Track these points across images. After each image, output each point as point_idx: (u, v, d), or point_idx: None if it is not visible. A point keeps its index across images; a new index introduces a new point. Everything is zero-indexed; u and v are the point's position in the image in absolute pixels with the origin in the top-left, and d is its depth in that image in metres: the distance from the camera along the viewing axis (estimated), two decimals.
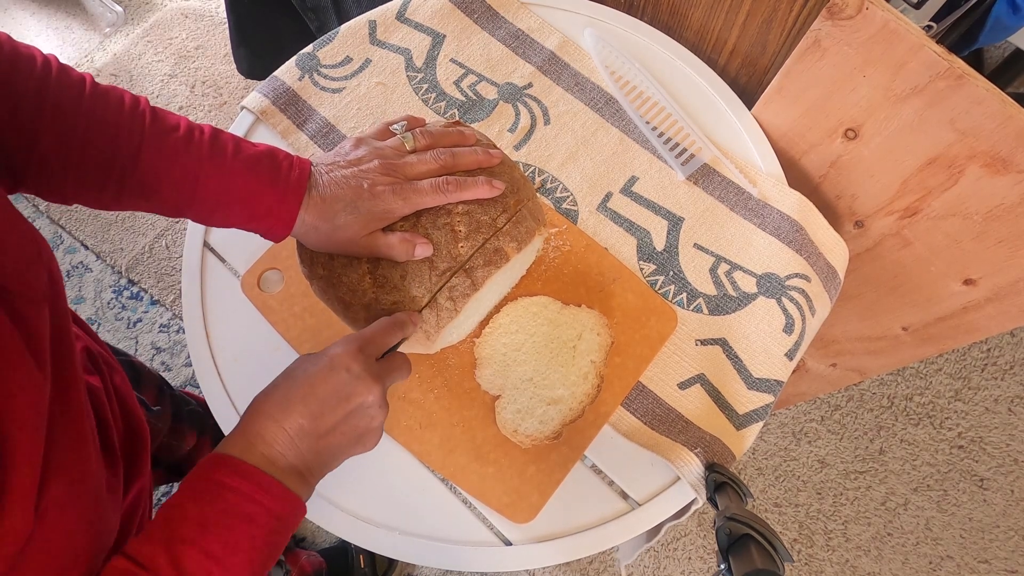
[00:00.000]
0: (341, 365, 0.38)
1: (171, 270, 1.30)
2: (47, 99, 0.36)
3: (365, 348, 0.39)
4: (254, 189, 0.41)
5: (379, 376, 0.39)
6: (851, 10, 0.50)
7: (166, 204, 0.41)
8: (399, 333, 0.42)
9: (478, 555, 0.52)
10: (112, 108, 0.38)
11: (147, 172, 0.39)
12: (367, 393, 0.38)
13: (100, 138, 0.37)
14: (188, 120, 0.41)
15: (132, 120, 0.38)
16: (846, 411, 1.24)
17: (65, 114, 0.36)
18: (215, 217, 0.42)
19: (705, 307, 0.58)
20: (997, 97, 0.46)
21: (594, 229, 0.61)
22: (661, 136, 0.64)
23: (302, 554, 0.98)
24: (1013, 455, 1.21)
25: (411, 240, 0.43)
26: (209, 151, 0.40)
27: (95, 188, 0.39)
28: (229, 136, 0.41)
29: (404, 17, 0.69)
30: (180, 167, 0.39)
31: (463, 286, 0.45)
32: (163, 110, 0.40)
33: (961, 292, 0.61)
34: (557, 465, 0.53)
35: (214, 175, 0.40)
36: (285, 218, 0.42)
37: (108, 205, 0.40)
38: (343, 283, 0.45)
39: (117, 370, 0.51)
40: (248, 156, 0.41)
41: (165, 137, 0.39)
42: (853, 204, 0.64)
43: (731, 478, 0.49)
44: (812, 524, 1.18)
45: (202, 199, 0.40)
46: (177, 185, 0.39)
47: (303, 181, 0.42)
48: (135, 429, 0.47)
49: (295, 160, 0.42)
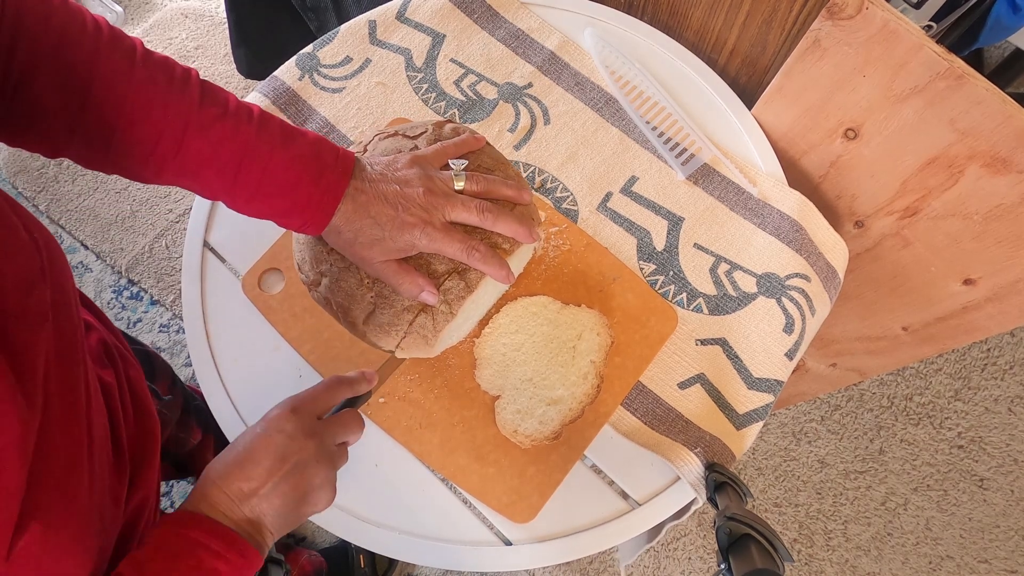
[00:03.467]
0: (274, 427, 0.40)
1: (171, 270, 1.30)
2: (97, 71, 0.35)
3: (300, 408, 0.41)
4: (294, 185, 0.40)
5: (314, 434, 0.40)
6: (851, 10, 0.50)
7: (205, 188, 0.40)
8: (346, 390, 0.44)
9: (478, 555, 0.52)
10: (161, 84, 0.37)
11: (191, 155, 0.38)
12: (300, 451, 0.39)
13: (148, 115, 0.37)
14: (236, 99, 0.40)
15: (181, 98, 0.37)
16: (846, 411, 1.24)
17: (115, 87, 0.36)
18: (251, 207, 0.41)
19: (705, 307, 0.58)
20: (997, 97, 0.46)
21: (594, 229, 0.61)
22: (661, 136, 0.64)
23: (302, 553, 0.98)
24: (1013, 455, 1.21)
25: (421, 286, 0.43)
26: (255, 140, 0.39)
27: (138, 163, 0.38)
28: (277, 124, 0.41)
29: (404, 17, 0.69)
30: (225, 154, 0.39)
31: (458, 288, 0.45)
32: (212, 85, 0.39)
33: (961, 292, 0.61)
34: (557, 465, 0.53)
35: (256, 166, 0.39)
36: (319, 219, 0.41)
37: (147, 179, 0.40)
38: (342, 289, 0.45)
39: (132, 363, 0.51)
40: (293, 152, 0.40)
41: (213, 122, 0.38)
42: (853, 204, 0.64)
43: (731, 478, 0.49)
44: (812, 524, 1.18)
45: (242, 186, 0.40)
46: (220, 171, 0.39)
47: (343, 182, 0.41)
48: (147, 427, 0.46)
49: (340, 157, 0.41)
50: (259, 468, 0.38)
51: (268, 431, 0.40)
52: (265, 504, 0.38)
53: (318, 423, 0.42)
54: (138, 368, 0.51)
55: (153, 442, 0.46)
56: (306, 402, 0.42)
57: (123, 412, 0.44)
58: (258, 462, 0.38)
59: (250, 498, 0.38)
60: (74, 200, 1.36)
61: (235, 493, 0.38)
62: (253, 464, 0.38)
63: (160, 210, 1.35)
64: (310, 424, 0.41)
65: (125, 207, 1.35)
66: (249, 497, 0.38)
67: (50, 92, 0.35)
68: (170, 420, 0.75)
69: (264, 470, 0.38)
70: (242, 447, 0.40)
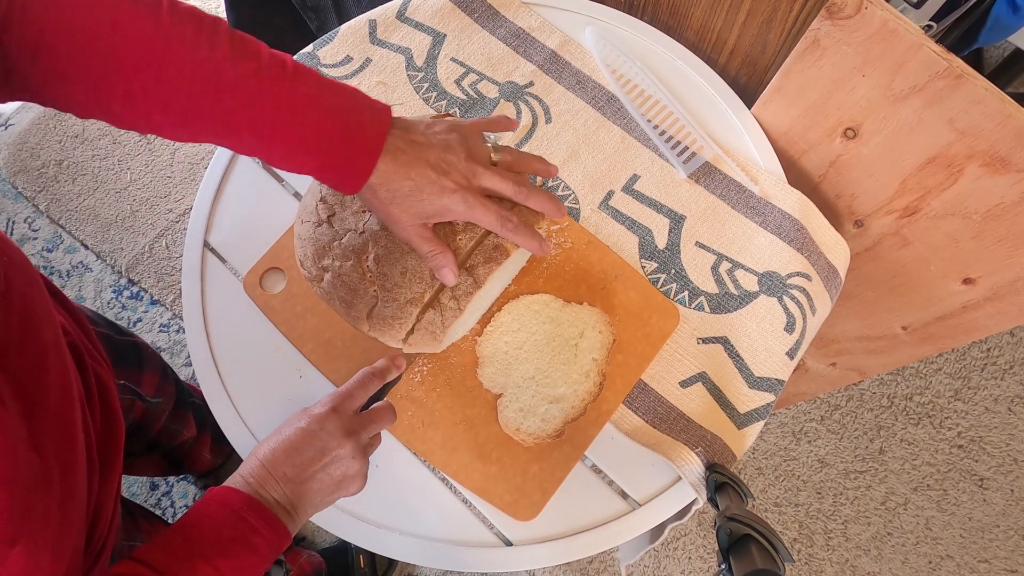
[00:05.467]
0: (317, 425, 0.45)
1: (171, 270, 1.30)
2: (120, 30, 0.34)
3: (340, 408, 0.46)
4: (330, 142, 0.39)
5: (352, 431, 0.45)
6: (850, 9, 0.50)
7: (240, 145, 0.39)
8: (378, 382, 0.48)
9: (478, 555, 0.52)
10: (190, 39, 0.35)
11: (225, 114, 0.37)
12: (338, 448, 0.44)
13: (179, 72, 0.35)
14: (268, 50, 0.39)
15: (212, 54, 0.36)
16: (846, 411, 1.24)
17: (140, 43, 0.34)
18: (287, 163, 0.40)
19: (707, 305, 0.58)
20: (996, 96, 0.47)
21: (596, 227, 0.61)
22: (663, 134, 0.64)
23: (302, 553, 0.98)
24: (1013, 455, 1.21)
25: (447, 261, 0.44)
26: (290, 95, 0.38)
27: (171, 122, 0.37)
28: (312, 77, 0.39)
29: (404, 16, 0.69)
30: (259, 111, 0.38)
31: (465, 284, 0.45)
32: (242, 36, 0.38)
33: (960, 291, 0.61)
34: (559, 463, 0.53)
35: (292, 123, 0.38)
36: (356, 178, 0.40)
37: (182, 138, 0.39)
38: (345, 283, 0.45)
39: (100, 361, 0.50)
40: (328, 107, 0.39)
41: (247, 78, 0.37)
42: (852, 203, 0.64)
43: (731, 478, 0.49)
44: (812, 524, 1.18)
45: (277, 143, 0.39)
46: (254, 129, 0.38)
47: (380, 140, 0.40)
48: (112, 428, 0.46)
49: (376, 111, 0.41)
50: (302, 457, 0.43)
51: (311, 427, 0.44)
52: (303, 488, 0.43)
53: (356, 420, 0.46)
54: (107, 366, 0.51)
55: (117, 443, 0.46)
56: (345, 400, 0.46)
57: (91, 413, 0.43)
58: (302, 452, 0.43)
59: (292, 482, 0.43)
60: (74, 200, 1.36)
61: (280, 476, 0.43)
62: (298, 453, 0.43)
63: (160, 210, 1.35)
64: (349, 422, 0.45)
65: (125, 207, 1.35)
66: (291, 482, 0.43)
67: (69, 59, 0.34)
68: (161, 413, 0.75)
69: (307, 459, 0.43)
70: (288, 436, 0.44)
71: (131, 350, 0.70)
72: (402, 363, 0.50)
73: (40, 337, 0.35)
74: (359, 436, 0.45)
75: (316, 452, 0.44)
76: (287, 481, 0.43)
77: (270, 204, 0.62)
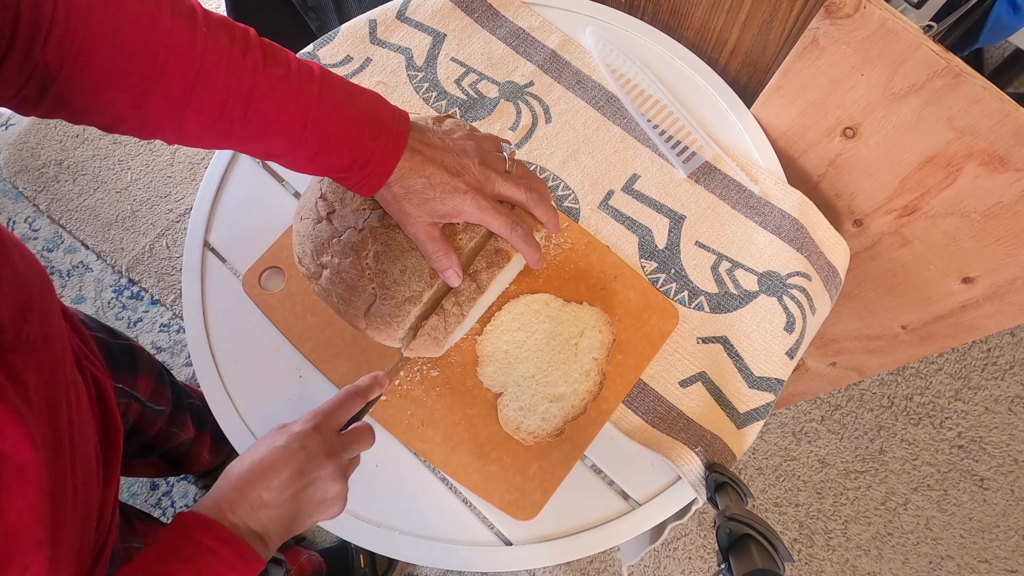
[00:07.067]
0: (296, 444, 0.42)
1: (171, 270, 1.30)
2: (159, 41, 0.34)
3: (321, 426, 0.43)
4: (355, 144, 0.40)
5: (334, 452, 0.43)
6: (848, 9, 0.50)
7: (267, 150, 0.40)
8: (361, 400, 0.46)
9: (478, 555, 0.52)
10: (224, 47, 0.36)
11: (256, 119, 0.38)
12: (320, 468, 0.42)
13: (214, 80, 0.36)
14: (296, 57, 0.40)
15: (244, 61, 0.37)
16: (846, 411, 1.24)
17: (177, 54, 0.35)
18: (311, 166, 0.41)
19: (706, 305, 0.58)
20: (994, 95, 0.47)
21: (595, 227, 0.61)
22: (662, 134, 0.64)
23: (302, 553, 0.98)
24: (1013, 455, 1.21)
25: (452, 263, 0.44)
26: (318, 100, 0.39)
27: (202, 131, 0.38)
28: (338, 82, 0.41)
29: (404, 16, 0.69)
30: (289, 116, 0.38)
31: (469, 290, 0.45)
32: (271, 44, 0.39)
33: (960, 290, 0.61)
34: (560, 462, 0.53)
35: (320, 127, 0.39)
36: (376, 180, 0.41)
37: (207, 145, 0.40)
38: (343, 280, 0.45)
39: (99, 366, 0.50)
40: (354, 112, 0.40)
41: (277, 84, 0.38)
42: (852, 203, 0.64)
43: (731, 478, 0.49)
44: (812, 524, 1.18)
45: (305, 147, 0.40)
46: (284, 133, 0.39)
47: (401, 142, 0.41)
48: (111, 433, 0.46)
49: (397, 116, 0.42)
50: (279, 479, 0.40)
51: (291, 446, 0.42)
52: (278, 512, 0.40)
53: (336, 440, 0.44)
54: (104, 369, 0.51)
55: (116, 445, 0.46)
56: (327, 419, 0.44)
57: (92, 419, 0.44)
58: (279, 473, 0.41)
59: (266, 507, 0.40)
60: (74, 200, 1.36)
61: (254, 501, 0.40)
62: (274, 474, 0.41)
63: (160, 210, 1.35)
64: (330, 442, 0.43)
65: (125, 207, 1.35)
66: (267, 506, 0.40)
67: (111, 67, 0.34)
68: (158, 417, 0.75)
69: (283, 482, 0.40)
70: (264, 456, 0.41)
71: (126, 354, 0.70)
72: (385, 381, 0.48)
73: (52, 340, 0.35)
74: (340, 457, 0.43)
75: (294, 473, 0.41)
76: (262, 506, 0.40)
77: (270, 204, 0.62)
